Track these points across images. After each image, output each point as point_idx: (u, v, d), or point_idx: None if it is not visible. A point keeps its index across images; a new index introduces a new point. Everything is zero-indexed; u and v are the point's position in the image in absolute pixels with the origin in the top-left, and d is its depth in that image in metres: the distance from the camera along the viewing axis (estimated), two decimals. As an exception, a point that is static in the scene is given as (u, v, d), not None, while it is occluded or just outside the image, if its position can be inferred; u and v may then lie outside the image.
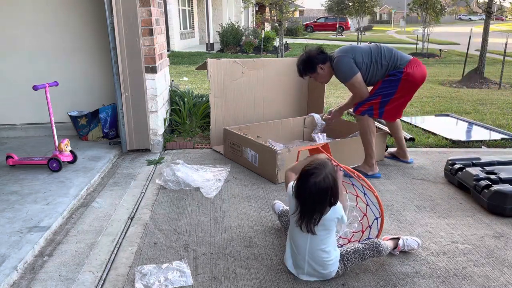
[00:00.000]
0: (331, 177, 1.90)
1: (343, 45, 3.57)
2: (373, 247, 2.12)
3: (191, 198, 3.02)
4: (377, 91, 3.35)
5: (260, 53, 15.78)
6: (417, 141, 4.36)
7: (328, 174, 1.89)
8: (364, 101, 3.38)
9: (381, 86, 3.33)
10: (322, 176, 1.87)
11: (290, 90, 4.69)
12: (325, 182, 1.87)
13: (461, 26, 38.76)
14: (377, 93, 3.35)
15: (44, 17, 4.24)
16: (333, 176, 1.91)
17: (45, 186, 3.11)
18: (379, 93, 3.34)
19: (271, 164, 3.27)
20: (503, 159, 3.29)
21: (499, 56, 13.29)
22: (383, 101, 3.34)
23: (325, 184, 1.87)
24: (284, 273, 2.12)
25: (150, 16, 3.70)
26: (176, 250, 2.33)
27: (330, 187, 1.88)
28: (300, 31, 30.11)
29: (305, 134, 4.40)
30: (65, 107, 4.31)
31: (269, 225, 2.61)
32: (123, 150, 4.01)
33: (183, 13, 19.79)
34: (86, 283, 2.05)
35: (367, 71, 3.31)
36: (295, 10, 33.80)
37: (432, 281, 2.06)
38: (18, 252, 2.23)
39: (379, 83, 3.35)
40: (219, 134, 4.09)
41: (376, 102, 3.35)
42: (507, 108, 6.28)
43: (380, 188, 3.18)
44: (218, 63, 4.15)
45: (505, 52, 9.60)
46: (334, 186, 1.90)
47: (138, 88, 3.79)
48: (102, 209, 2.85)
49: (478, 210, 2.84)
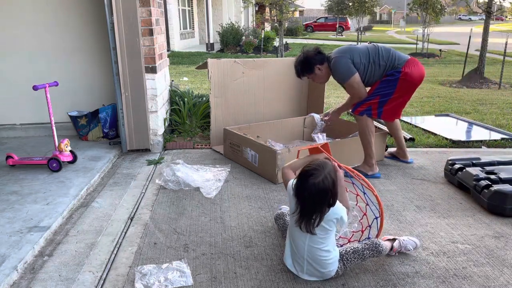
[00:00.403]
0: (330, 178, 1.90)
1: (342, 45, 3.57)
2: (373, 247, 2.12)
3: (191, 198, 3.02)
4: (375, 91, 3.35)
5: (260, 53, 15.79)
6: (417, 141, 4.36)
7: (327, 175, 1.89)
8: (362, 101, 3.38)
9: (379, 86, 3.33)
10: (321, 177, 1.88)
11: (290, 90, 4.68)
12: (324, 183, 1.87)
13: (461, 26, 38.75)
14: (375, 93, 3.35)
15: (44, 17, 4.24)
16: (332, 177, 1.91)
17: (45, 186, 3.11)
18: (377, 93, 3.34)
19: (271, 164, 3.27)
20: (503, 159, 3.29)
21: (499, 56, 13.29)
22: (382, 101, 3.34)
23: (324, 185, 1.87)
24: (284, 273, 2.12)
25: (150, 16, 3.70)
26: (176, 250, 2.33)
27: (329, 188, 1.88)
28: (300, 31, 30.11)
29: (305, 134, 4.40)
30: (65, 107, 4.31)
31: (269, 225, 2.61)
32: (123, 150, 4.01)
33: (183, 13, 19.79)
34: (86, 283, 2.05)
35: (365, 72, 3.31)
36: (295, 10, 33.81)
37: (432, 281, 2.06)
38: (18, 252, 2.23)
39: (377, 83, 3.35)
40: (219, 134, 4.09)
41: (375, 102, 3.35)
42: (507, 108, 6.28)
43: (380, 188, 3.18)
44: (218, 63, 4.15)
45: (505, 52, 9.60)
46: (333, 187, 1.90)
47: (138, 88, 3.79)
48: (102, 209, 2.85)
49: (478, 210, 2.84)
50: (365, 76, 3.33)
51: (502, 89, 8.64)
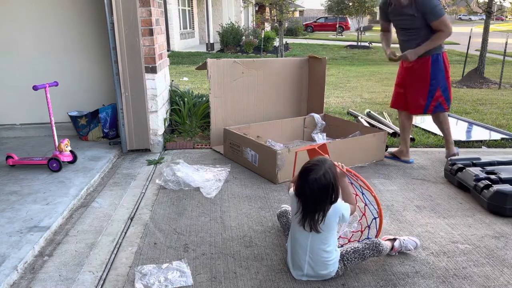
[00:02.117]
0: (331, 172, 1.90)
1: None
2: (373, 247, 2.12)
3: (191, 198, 3.01)
4: (432, 83, 3.41)
5: (260, 53, 15.78)
6: (417, 141, 4.36)
7: (328, 170, 1.90)
8: (428, 99, 3.45)
9: (432, 76, 3.38)
10: (322, 172, 1.88)
11: (290, 90, 4.68)
12: (326, 177, 1.88)
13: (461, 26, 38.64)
14: (433, 85, 3.41)
15: (44, 17, 4.24)
16: (333, 171, 1.92)
17: (45, 186, 3.11)
18: (435, 85, 3.41)
19: (271, 164, 3.27)
20: (503, 159, 3.29)
21: (499, 56, 13.29)
22: (444, 90, 3.43)
23: (325, 179, 1.87)
24: (284, 273, 2.12)
25: (150, 16, 3.70)
26: (176, 250, 2.33)
27: (331, 182, 1.88)
28: (300, 31, 30.08)
29: (305, 134, 4.40)
30: (65, 107, 4.31)
31: (269, 225, 2.61)
32: (123, 150, 4.01)
33: (183, 13, 19.79)
34: (86, 283, 2.05)
35: None
36: (295, 10, 33.82)
37: (432, 281, 2.06)
38: (18, 252, 2.23)
39: (428, 75, 3.39)
40: (219, 134, 4.09)
41: (439, 95, 3.43)
42: (507, 108, 6.28)
43: (380, 188, 3.18)
44: (218, 63, 4.15)
45: (505, 52, 9.59)
46: (335, 181, 1.91)
47: (138, 88, 3.79)
48: (102, 209, 2.85)
49: (478, 210, 2.84)
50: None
51: (502, 89, 8.64)
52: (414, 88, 3.53)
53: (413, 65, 3.47)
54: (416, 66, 3.46)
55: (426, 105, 3.51)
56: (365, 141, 3.68)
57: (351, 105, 6.35)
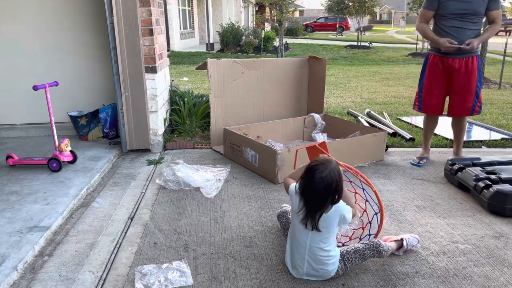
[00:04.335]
0: (336, 171, 1.92)
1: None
2: (374, 247, 2.12)
3: (191, 198, 3.02)
4: (477, 83, 3.41)
5: (260, 53, 15.79)
6: (417, 141, 4.36)
7: (333, 169, 1.91)
8: (475, 100, 3.46)
9: (478, 77, 3.39)
10: (328, 171, 1.90)
11: (290, 90, 4.68)
12: (331, 176, 1.89)
13: (461, 26, 38.61)
14: (478, 86, 3.42)
15: (44, 17, 4.24)
16: (338, 170, 1.93)
17: (45, 186, 3.11)
18: (479, 85, 3.43)
19: (271, 164, 3.27)
20: (503, 159, 3.29)
21: (499, 56, 13.29)
22: (479, 91, 3.46)
23: (331, 178, 1.89)
24: (284, 273, 2.12)
25: (150, 16, 3.70)
26: (176, 250, 2.33)
27: (336, 181, 1.90)
28: (300, 31, 30.11)
29: (305, 134, 4.40)
30: (65, 107, 4.31)
31: (269, 225, 2.62)
32: (123, 150, 4.01)
33: (183, 13, 19.80)
34: (86, 283, 2.05)
35: None
36: (295, 10, 33.82)
37: (432, 281, 2.06)
38: (18, 252, 2.23)
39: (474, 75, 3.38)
40: (219, 134, 4.09)
41: (480, 95, 3.47)
42: (507, 108, 6.28)
43: (380, 188, 3.18)
44: (218, 63, 4.15)
45: (505, 52, 9.59)
46: (340, 181, 1.92)
47: (138, 88, 3.79)
48: (102, 209, 2.85)
49: (478, 210, 2.84)
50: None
51: (502, 89, 8.64)
52: (464, 88, 3.42)
53: (461, 64, 3.37)
54: (464, 65, 3.36)
55: (473, 106, 3.47)
56: (365, 141, 3.68)
57: (351, 105, 6.35)
